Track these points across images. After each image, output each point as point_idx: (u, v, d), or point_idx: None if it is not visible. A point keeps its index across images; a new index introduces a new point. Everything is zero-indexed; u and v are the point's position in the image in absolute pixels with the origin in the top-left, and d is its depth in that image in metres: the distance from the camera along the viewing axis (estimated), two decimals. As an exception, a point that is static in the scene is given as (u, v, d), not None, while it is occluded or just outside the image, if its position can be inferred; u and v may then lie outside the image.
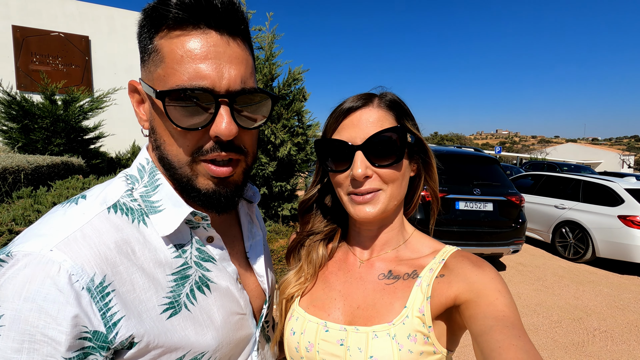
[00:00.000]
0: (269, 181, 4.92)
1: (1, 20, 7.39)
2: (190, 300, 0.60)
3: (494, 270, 0.66)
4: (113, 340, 0.50)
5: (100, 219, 0.55)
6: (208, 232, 0.65)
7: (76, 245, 0.50)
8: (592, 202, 6.42)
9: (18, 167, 3.61)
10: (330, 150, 0.75)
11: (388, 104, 0.74)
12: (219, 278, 0.66)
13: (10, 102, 5.06)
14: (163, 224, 0.60)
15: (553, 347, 3.59)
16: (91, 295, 0.49)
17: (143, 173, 0.63)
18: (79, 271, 0.48)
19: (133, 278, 0.54)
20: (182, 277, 0.60)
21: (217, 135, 0.56)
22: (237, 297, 0.68)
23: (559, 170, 14.34)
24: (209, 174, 0.59)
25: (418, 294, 0.69)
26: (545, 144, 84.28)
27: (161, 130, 0.58)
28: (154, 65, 0.55)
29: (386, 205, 0.72)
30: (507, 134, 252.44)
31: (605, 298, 4.93)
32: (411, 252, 0.78)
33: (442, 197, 4.94)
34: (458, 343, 0.72)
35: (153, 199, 0.61)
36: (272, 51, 4.88)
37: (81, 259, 0.49)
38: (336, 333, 0.72)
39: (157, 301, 0.56)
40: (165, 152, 0.59)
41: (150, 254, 0.58)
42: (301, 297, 0.82)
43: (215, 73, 0.54)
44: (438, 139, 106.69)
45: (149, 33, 0.56)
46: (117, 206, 0.58)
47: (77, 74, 8.06)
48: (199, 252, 0.64)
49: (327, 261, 0.86)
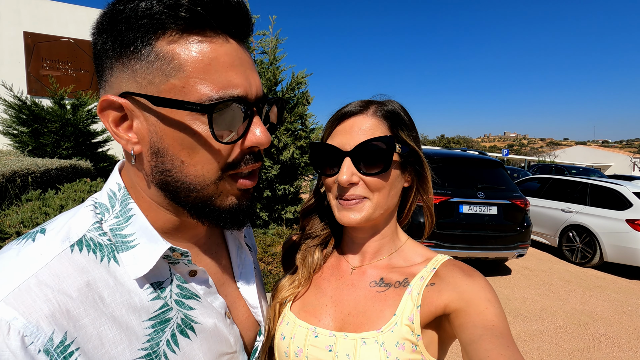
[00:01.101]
0: (273, 184, 4.95)
1: (13, 26, 7.58)
2: (171, 348, 0.52)
3: (484, 279, 0.67)
4: None
5: (61, 261, 0.46)
6: (189, 267, 0.57)
7: (29, 297, 0.42)
8: (599, 206, 6.32)
9: (27, 170, 3.70)
10: (322, 155, 0.77)
11: (384, 113, 0.74)
12: (204, 316, 0.58)
13: (21, 107, 5.19)
14: (136, 264, 0.51)
15: (557, 352, 3.54)
16: (50, 357, 0.41)
17: (114, 201, 0.55)
18: (33, 331, 0.40)
19: (101, 331, 0.46)
20: (162, 322, 0.52)
21: (255, 145, 0.52)
22: (225, 335, 0.61)
23: (567, 173, 14.15)
24: (235, 189, 0.54)
25: (408, 302, 0.69)
26: (554, 147, 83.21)
27: (177, 151, 0.49)
28: (162, 75, 0.46)
29: (371, 213, 0.72)
30: (515, 137, 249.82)
31: (613, 303, 4.84)
32: (403, 260, 0.79)
33: (445, 201, 4.92)
34: (446, 352, 0.72)
35: (125, 232, 0.53)
36: (275, 55, 4.93)
37: (35, 314, 0.41)
38: (325, 339, 0.72)
39: (131, 355, 0.48)
40: (181, 174, 0.50)
41: (122, 298, 0.49)
42: (293, 302, 0.83)
43: (245, 81, 0.50)
44: (445, 141, 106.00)
45: (144, 36, 0.46)
46: (82, 242, 0.49)
47: (86, 79, 8.22)
48: (180, 290, 0.56)
49: (319, 270, 0.86)
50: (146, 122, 0.49)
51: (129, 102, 0.48)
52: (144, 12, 0.45)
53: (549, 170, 16.03)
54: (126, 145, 0.51)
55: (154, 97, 0.47)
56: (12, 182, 3.41)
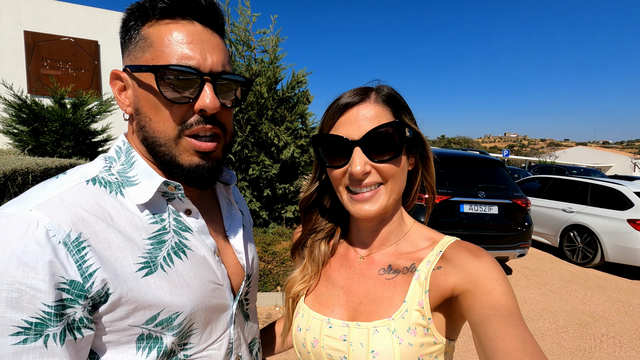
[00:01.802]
0: (273, 183, 4.94)
1: (13, 26, 7.58)
2: (167, 262, 0.63)
3: (491, 259, 0.66)
4: (90, 289, 0.53)
5: (78, 188, 0.59)
6: (184, 204, 0.69)
7: (54, 207, 0.54)
8: (600, 206, 6.31)
9: (27, 169, 3.69)
10: (328, 146, 0.75)
11: (385, 98, 0.73)
12: (196, 247, 0.68)
13: (21, 106, 5.18)
14: (138, 194, 0.63)
15: (559, 352, 3.53)
16: (67, 248, 0.52)
17: (120, 153, 0.68)
18: (55, 227, 0.52)
19: (109, 237, 0.57)
20: (159, 242, 0.63)
21: (202, 108, 0.62)
22: (214, 268, 0.70)
23: (567, 173, 14.13)
24: (193, 149, 0.64)
25: (417, 288, 0.69)
26: (555, 147, 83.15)
27: (147, 109, 0.63)
28: (142, 51, 0.61)
29: (387, 201, 0.72)
30: (516, 137, 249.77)
31: (614, 303, 4.83)
32: (410, 245, 0.78)
33: (446, 200, 4.91)
34: (459, 332, 0.73)
35: (129, 175, 0.65)
36: (276, 54, 4.92)
37: (58, 218, 0.53)
38: (339, 329, 0.73)
39: (133, 260, 0.59)
40: (150, 129, 0.63)
41: (126, 218, 0.61)
42: (306, 295, 0.84)
43: (200, 56, 0.61)
44: (445, 142, 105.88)
45: (135, 25, 0.62)
46: (95, 179, 0.62)
47: (87, 78, 8.21)
48: (176, 222, 0.67)
49: (330, 258, 0.87)
50: (132, 88, 0.65)
51: (126, 74, 0.64)
52: (137, 7, 0.62)
53: (550, 171, 16.01)
54: (122, 107, 0.67)
55: (130, 65, 0.63)
56: (12, 180, 3.41)
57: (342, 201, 0.77)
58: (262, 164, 4.72)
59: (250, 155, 4.73)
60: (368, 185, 0.72)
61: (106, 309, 0.55)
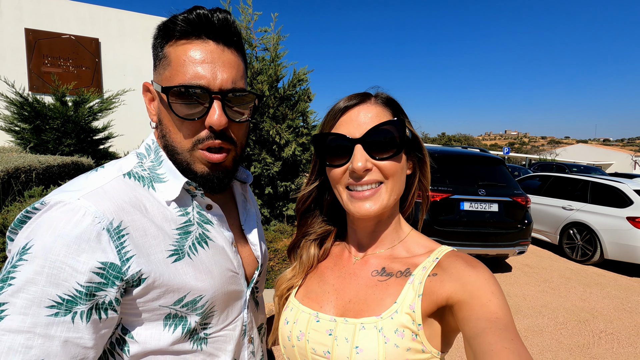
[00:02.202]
0: (274, 181, 4.96)
1: (14, 23, 7.57)
2: (192, 250, 0.71)
3: (487, 271, 0.66)
4: (126, 273, 0.59)
5: (118, 181, 0.67)
6: (205, 201, 0.76)
7: (99, 197, 0.61)
8: (600, 204, 6.33)
9: (30, 166, 3.71)
10: (328, 144, 0.76)
11: (384, 101, 0.76)
12: (216, 238, 0.76)
13: (23, 104, 5.19)
14: (167, 191, 0.71)
15: (557, 348, 3.56)
16: (109, 235, 0.58)
17: (150, 151, 0.75)
18: (100, 215, 0.58)
19: (145, 226, 0.64)
20: (185, 232, 0.71)
21: (210, 125, 0.67)
22: (231, 258, 0.78)
23: (568, 171, 14.13)
24: (205, 160, 0.70)
25: (410, 291, 0.70)
26: (555, 145, 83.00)
27: (166, 122, 0.70)
28: (163, 69, 0.68)
29: (387, 200, 0.73)
30: (516, 135, 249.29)
31: (613, 300, 4.86)
32: (406, 251, 0.79)
33: (446, 198, 4.93)
34: (451, 345, 0.72)
35: (158, 172, 0.73)
36: (277, 52, 4.92)
37: (103, 207, 0.60)
38: (326, 323, 0.74)
39: (164, 247, 0.66)
40: (169, 140, 0.71)
41: (159, 210, 0.69)
42: (297, 290, 0.85)
43: (211, 74, 0.66)
44: (445, 139, 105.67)
45: (160, 44, 0.69)
46: (130, 174, 0.70)
47: (88, 76, 8.21)
48: (199, 216, 0.75)
49: (324, 258, 0.88)
50: (157, 101, 0.73)
51: (153, 87, 0.72)
52: (163, 27, 0.69)
53: (550, 169, 16.01)
54: (150, 116, 0.76)
55: (154, 83, 0.71)
56: (15, 178, 3.43)
57: (342, 201, 0.77)
58: (263, 161, 4.74)
59: (252, 153, 4.75)
60: (368, 183, 0.72)
61: (140, 291, 0.62)
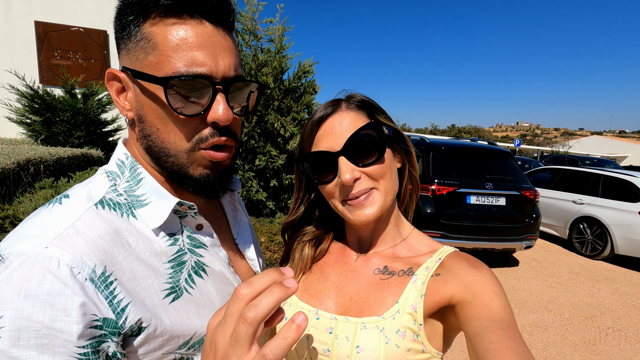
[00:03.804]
0: (279, 174, 4.97)
1: (24, 16, 7.65)
2: (189, 284, 0.61)
3: (490, 271, 0.67)
4: (123, 326, 0.50)
5: (90, 215, 0.54)
6: (196, 220, 0.66)
7: (71, 240, 0.49)
8: (612, 198, 6.20)
9: (40, 158, 3.78)
10: (312, 164, 0.75)
11: (357, 104, 0.74)
12: (212, 263, 0.67)
13: (34, 96, 5.27)
14: (151, 217, 0.59)
15: (562, 344, 3.54)
16: (95, 285, 0.49)
17: (123, 168, 0.62)
18: (79, 264, 0.48)
19: (132, 267, 0.55)
20: (179, 264, 0.61)
21: (215, 121, 0.57)
22: (231, 280, 0.70)
23: (580, 164, 13.83)
24: (207, 159, 0.59)
25: (412, 291, 0.69)
26: (569, 137, 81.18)
27: (153, 119, 0.57)
28: (144, 53, 0.54)
29: (383, 202, 0.73)
30: (529, 127, 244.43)
31: (622, 296, 4.79)
32: (408, 251, 0.79)
33: (453, 191, 4.88)
34: (450, 345, 0.72)
35: (137, 193, 0.61)
36: (282, 44, 4.88)
37: (79, 252, 0.49)
38: (326, 321, 0.73)
39: (159, 287, 0.57)
40: (158, 140, 0.58)
41: (144, 244, 0.58)
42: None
43: (212, 61, 0.55)
44: (455, 131, 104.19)
45: (135, 21, 0.54)
46: (103, 202, 0.57)
47: (96, 68, 8.29)
48: (190, 240, 0.65)
49: (323, 257, 0.87)
50: (133, 92, 0.58)
51: (125, 75, 0.57)
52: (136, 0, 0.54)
53: (562, 161, 15.69)
54: (122, 111, 0.60)
55: (132, 70, 0.55)
56: (25, 170, 3.50)
57: (339, 212, 0.76)
58: (268, 154, 4.75)
59: (257, 145, 4.76)
60: (361, 193, 0.71)
61: (140, 341, 0.53)
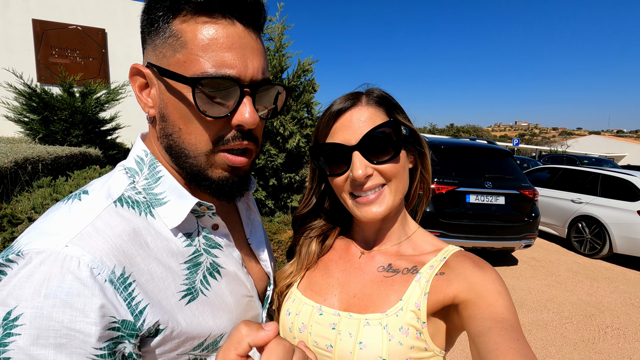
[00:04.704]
0: (279, 172, 4.96)
1: (22, 14, 7.61)
2: (204, 285, 0.62)
3: (494, 271, 0.67)
4: (141, 328, 0.51)
5: (109, 213, 0.54)
6: (213, 220, 0.66)
7: (91, 240, 0.49)
8: (610, 197, 6.21)
9: (38, 157, 3.76)
10: (326, 155, 0.75)
11: (377, 100, 0.74)
12: (227, 264, 0.67)
13: (31, 95, 5.24)
14: (170, 216, 0.60)
15: (561, 343, 3.55)
16: (114, 286, 0.49)
17: (142, 165, 0.62)
18: (99, 264, 0.48)
19: (150, 268, 0.55)
20: (195, 265, 0.62)
21: (240, 124, 0.56)
22: (244, 281, 0.70)
23: (578, 163, 13.87)
24: (226, 164, 0.59)
25: (416, 289, 0.69)
26: (567, 136, 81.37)
27: (176, 118, 0.56)
28: (172, 50, 0.53)
29: (392, 201, 0.73)
30: (527, 126, 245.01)
31: (621, 295, 4.80)
32: (413, 249, 0.79)
33: (452, 190, 4.89)
34: (453, 344, 0.72)
35: (156, 191, 0.60)
36: (282, 42, 4.87)
37: (99, 252, 0.49)
38: (330, 317, 0.73)
39: (176, 288, 0.57)
40: (179, 140, 0.57)
41: (162, 244, 0.58)
42: (300, 281, 0.84)
43: (241, 63, 0.54)
44: (454, 130, 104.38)
45: (165, 17, 0.54)
46: (122, 200, 0.57)
47: (94, 67, 8.25)
48: (206, 240, 0.65)
49: (328, 252, 0.87)
50: (157, 90, 0.57)
51: (150, 71, 0.57)
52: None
53: (560, 161, 15.74)
54: (144, 108, 0.59)
55: (159, 67, 0.54)
56: (23, 168, 3.48)
57: (347, 207, 0.76)
58: (267, 153, 4.74)
59: (256, 144, 4.76)
60: (371, 189, 0.71)
61: (157, 343, 0.54)
